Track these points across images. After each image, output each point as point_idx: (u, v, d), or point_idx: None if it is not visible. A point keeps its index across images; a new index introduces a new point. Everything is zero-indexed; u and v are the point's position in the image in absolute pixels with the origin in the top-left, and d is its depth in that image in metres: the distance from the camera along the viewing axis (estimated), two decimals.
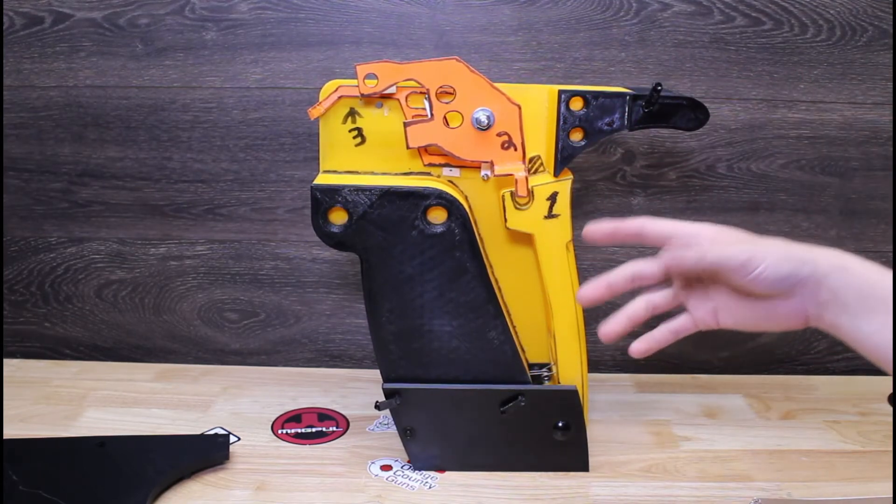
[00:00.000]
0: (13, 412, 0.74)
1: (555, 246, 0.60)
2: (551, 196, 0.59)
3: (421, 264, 0.59)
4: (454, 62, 0.56)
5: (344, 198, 0.57)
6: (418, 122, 0.57)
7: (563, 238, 0.60)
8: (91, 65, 0.82)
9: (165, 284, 0.88)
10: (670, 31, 0.81)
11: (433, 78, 0.56)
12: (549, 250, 0.60)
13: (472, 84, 0.56)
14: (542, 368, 0.66)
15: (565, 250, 0.60)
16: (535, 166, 0.61)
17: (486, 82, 0.57)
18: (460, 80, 0.56)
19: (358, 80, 0.57)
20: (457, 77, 0.56)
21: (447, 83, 0.56)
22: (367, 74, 0.56)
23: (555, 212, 0.59)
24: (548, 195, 0.59)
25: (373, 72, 0.56)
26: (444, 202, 0.58)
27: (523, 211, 0.59)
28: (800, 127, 0.84)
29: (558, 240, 0.60)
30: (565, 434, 0.63)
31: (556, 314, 0.62)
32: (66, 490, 0.57)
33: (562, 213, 0.59)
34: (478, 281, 0.60)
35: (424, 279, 0.59)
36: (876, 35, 0.81)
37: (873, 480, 0.65)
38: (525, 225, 0.59)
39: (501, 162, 0.58)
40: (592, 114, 0.59)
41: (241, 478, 0.63)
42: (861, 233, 0.87)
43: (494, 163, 0.58)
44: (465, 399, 0.63)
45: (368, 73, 0.56)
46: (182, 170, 0.85)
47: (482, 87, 0.57)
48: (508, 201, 0.58)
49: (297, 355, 0.90)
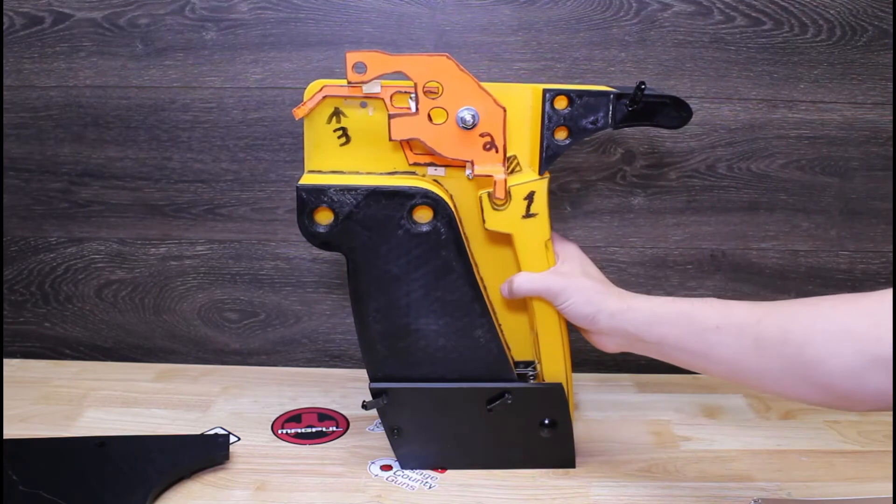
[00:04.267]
0: (13, 412, 0.74)
1: (534, 245, 0.60)
2: (528, 195, 0.59)
3: (407, 263, 0.59)
4: (444, 59, 0.56)
5: (330, 198, 0.57)
6: (402, 114, 0.57)
7: (541, 237, 0.60)
8: (91, 65, 0.82)
9: (165, 284, 0.88)
10: (670, 31, 0.81)
11: (422, 72, 0.56)
12: (529, 249, 0.60)
13: (460, 82, 0.56)
14: (528, 367, 0.66)
15: (544, 249, 0.60)
16: (512, 166, 0.61)
17: (474, 82, 0.56)
18: (448, 76, 0.56)
19: (346, 67, 0.56)
20: (445, 74, 0.56)
21: (435, 79, 0.56)
22: (355, 63, 0.56)
23: (532, 211, 0.59)
24: (525, 195, 0.58)
25: (362, 61, 0.56)
26: (429, 201, 0.58)
27: (501, 211, 0.59)
28: (800, 127, 0.84)
29: (537, 239, 0.60)
30: (551, 431, 0.64)
31: (538, 312, 0.62)
32: (66, 490, 0.57)
33: (539, 213, 0.59)
34: (464, 280, 0.60)
35: (410, 278, 0.59)
36: (876, 35, 0.81)
37: (873, 480, 0.65)
38: (503, 225, 0.59)
39: (482, 162, 0.58)
40: (577, 112, 0.59)
41: (241, 478, 0.63)
42: (861, 233, 0.87)
43: (475, 163, 0.58)
44: (451, 397, 0.63)
45: (357, 61, 0.56)
46: (182, 170, 0.85)
47: (469, 87, 0.56)
48: (486, 202, 0.58)
49: (297, 355, 0.90)
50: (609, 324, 0.57)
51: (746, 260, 0.88)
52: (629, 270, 0.88)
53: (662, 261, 0.88)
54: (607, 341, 0.59)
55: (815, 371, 0.47)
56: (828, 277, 0.88)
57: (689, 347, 0.54)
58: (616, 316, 0.57)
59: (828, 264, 0.88)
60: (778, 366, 0.49)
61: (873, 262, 0.88)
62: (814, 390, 0.48)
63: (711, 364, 0.54)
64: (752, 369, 0.51)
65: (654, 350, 0.57)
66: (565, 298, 0.58)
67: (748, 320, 0.51)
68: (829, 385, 0.46)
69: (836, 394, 0.47)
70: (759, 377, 0.51)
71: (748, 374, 0.52)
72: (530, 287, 0.60)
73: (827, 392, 0.47)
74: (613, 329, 0.57)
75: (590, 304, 0.58)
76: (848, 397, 0.46)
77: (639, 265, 0.88)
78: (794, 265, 0.88)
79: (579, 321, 0.59)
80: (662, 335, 0.55)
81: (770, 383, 0.50)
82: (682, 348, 0.54)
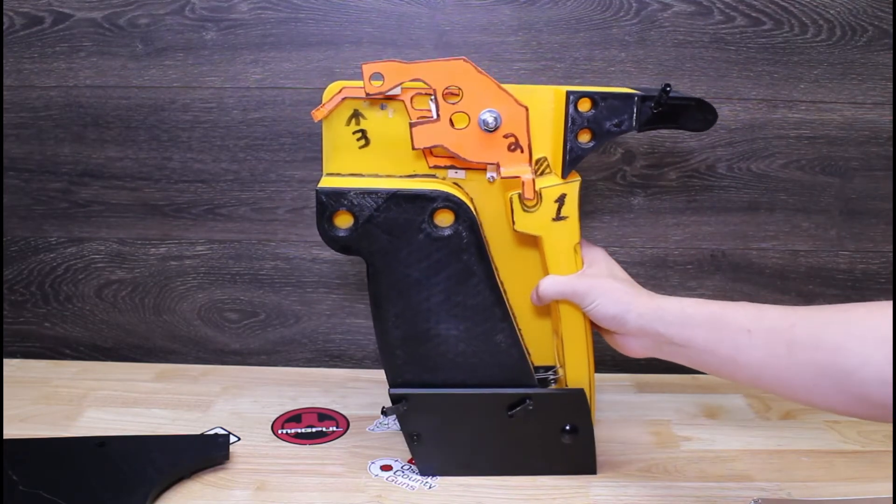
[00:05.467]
0: (13, 412, 0.74)
1: (563, 248, 0.59)
2: (559, 198, 0.58)
3: (427, 268, 0.58)
4: (462, 62, 0.55)
5: (350, 201, 0.56)
6: (424, 122, 0.56)
7: (571, 240, 0.59)
8: (91, 65, 0.82)
9: (165, 284, 0.88)
10: (670, 31, 0.81)
11: (440, 78, 0.55)
12: (558, 253, 0.59)
13: (480, 85, 0.56)
14: (548, 371, 0.66)
15: (573, 252, 0.60)
16: (542, 168, 0.60)
17: (494, 83, 0.56)
18: (468, 80, 0.56)
19: (364, 79, 0.56)
20: (464, 77, 0.55)
21: (454, 83, 0.56)
22: (372, 74, 0.56)
23: (563, 214, 0.58)
24: (556, 197, 0.58)
25: (379, 71, 0.55)
26: (451, 205, 0.57)
27: (531, 213, 0.58)
28: (800, 127, 0.84)
29: (567, 242, 0.59)
30: (573, 437, 0.63)
31: (564, 316, 0.61)
32: (66, 490, 0.57)
33: (570, 216, 0.59)
34: (485, 284, 0.59)
35: (431, 283, 0.59)
36: (876, 35, 0.81)
37: (873, 480, 0.65)
38: (533, 227, 0.59)
39: (508, 164, 0.57)
40: (601, 115, 0.58)
41: (241, 478, 0.63)
42: (861, 233, 0.87)
43: (501, 165, 0.57)
44: (471, 403, 0.62)
45: (374, 72, 0.56)
46: (182, 170, 0.85)
47: (489, 88, 0.56)
48: (516, 203, 0.58)
49: (297, 355, 0.90)
50: (638, 324, 0.56)
51: (746, 260, 0.88)
52: (629, 270, 0.86)
53: (662, 261, 0.88)
54: (634, 344, 0.58)
55: (849, 379, 0.45)
56: (828, 277, 0.88)
57: (718, 351, 0.52)
58: (645, 316, 0.56)
59: (828, 264, 0.88)
60: (810, 373, 0.47)
61: (873, 262, 0.88)
62: (846, 398, 0.46)
63: (740, 369, 0.52)
64: (783, 376, 0.49)
65: (681, 354, 0.55)
66: (593, 299, 0.57)
67: (781, 324, 0.50)
68: (864, 394, 0.45)
69: (870, 402, 0.45)
70: (789, 384, 0.49)
71: (778, 382, 0.50)
72: (556, 290, 0.59)
73: (860, 401, 0.46)
74: (642, 330, 0.56)
75: (618, 304, 0.57)
76: (883, 406, 0.45)
77: (639, 265, 0.88)
78: (794, 265, 0.88)
79: (607, 322, 0.58)
80: (692, 337, 0.54)
81: (801, 391, 0.49)
82: (710, 351, 0.53)
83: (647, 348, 0.57)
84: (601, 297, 0.57)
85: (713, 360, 0.53)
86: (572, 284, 0.58)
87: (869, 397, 0.45)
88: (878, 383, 0.44)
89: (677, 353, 0.55)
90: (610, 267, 0.61)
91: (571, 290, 0.58)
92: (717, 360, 0.53)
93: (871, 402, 0.45)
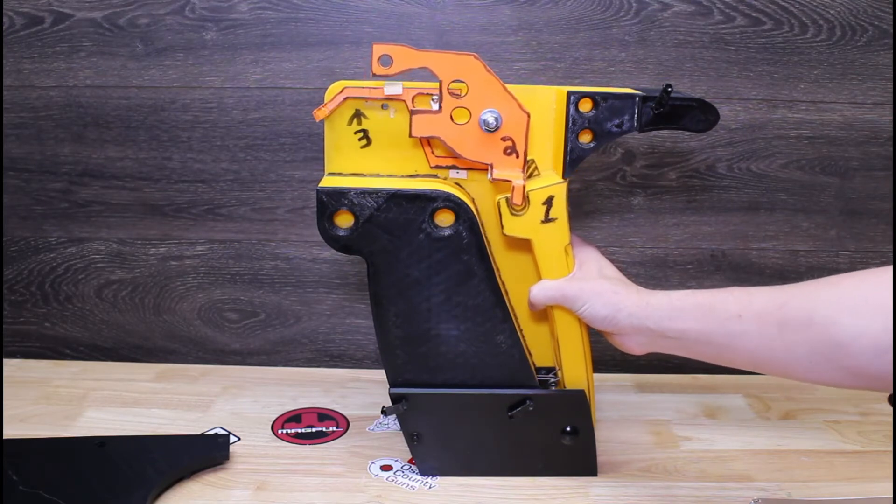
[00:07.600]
0: (13, 412, 0.74)
1: (553, 250, 0.59)
2: (547, 200, 0.58)
3: (428, 268, 0.58)
4: (471, 58, 0.55)
5: (350, 201, 0.56)
6: (425, 111, 0.56)
7: (560, 242, 0.59)
8: (91, 65, 0.82)
9: (165, 284, 0.88)
10: (670, 31, 0.81)
11: (448, 70, 0.55)
12: (548, 255, 0.59)
13: (486, 83, 0.55)
14: (549, 373, 0.66)
15: (564, 254, 0.60)
16: (530, 170, 0.60)
17: (500, 84, 0.56)
18: (474, 77, 0.55)
19: (372, 59, 0.55)
20: (471, 73, 0.55)
21: (461, 78, 0.55)
22: (381, 56, 0.55)
23: (552, 216, 0.58)
24: (543, 199, 0.58)
25: (388, 54, 0.55)
26: (451, 205, 0.57)
27: (520, 217, 0.58)
28: (800, 127, 0.84)
29: (556, 244, 0.59)
30: (573, 439, 0.63)
31: (558, 319, 0.61)
32: (66, 490, 0.57)
33: (559, 217, 0.58)
34: (485, 284, 0.59)
35: (431, 283, 0.59)
36: (876, 35, 0.81)
37: (873, 480, 0.65)
38: (522, 230, 0.58)
39: (501, 167, 0.57)
40: (602, 115, 0.58)
41: (241, 478, 0.63)
42: (861, 233, 0.87)
43: (494, 166, 0.57)
44: (472, 404, 0.62)
45: (384, 54, 0.55)
46: (182, 170, 0.85)
47: (494, 89, 0.56)
48: (504, 207, 0.58)
49: (297, 355, 0.90)
50: (630, 323, 0.56)
51: (746, 260, 0.88)
52: (629, 270, 0.88)
53: (662, 261, 0.88)
54: (631, 342, 0.58)
55: (843, 352, 0.45)
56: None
57: (712, 340, 0.52)
58: (636, 314, 0.55)
59: (828, 264, 0.88)
60: (804, 351, 0.47)
61: (873, 262, 0.88)
62: (843, 374, 0.46)
63: (736, 355, 0.52)
64: (778, 357, 0.49)
65: (677, 346, 0.55)
66: (583, 303, 0.57)
67: (770, 306, 0.49)
68: (859, 367, 0.44)
69: (867, 376, 0.45)
70: (785, 365, 0.49)
71: (775, 363, 0.50)
72: (546, 296, 0.59)
73: (856, 375, 0.45)
74: (635, 328, 0.56)
75: (608, 306, 0.56)
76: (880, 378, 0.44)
77: (639, 265, 0.88)
78: (794, 265, 0.88)
79: (600, 324, 0.58)
80: (684, 330, 0.53)
81: (798, 370, 0.48)
82: (705, 341, 0.53)
83: (645, 345, 0.57)
84: (591, 299, 0.57)
85: (709, 349, 0.54)
86: (562, 289, 0.58)
87: (866, 370, 0.44)
88: (872, 354, 0.44)
89: (674, 346, 0.56)
90: (600, 266, 0.60)
91: (561, 295, 0.58)
92: (712, 349, 0.53)
93: (868, 374, 0.45)
